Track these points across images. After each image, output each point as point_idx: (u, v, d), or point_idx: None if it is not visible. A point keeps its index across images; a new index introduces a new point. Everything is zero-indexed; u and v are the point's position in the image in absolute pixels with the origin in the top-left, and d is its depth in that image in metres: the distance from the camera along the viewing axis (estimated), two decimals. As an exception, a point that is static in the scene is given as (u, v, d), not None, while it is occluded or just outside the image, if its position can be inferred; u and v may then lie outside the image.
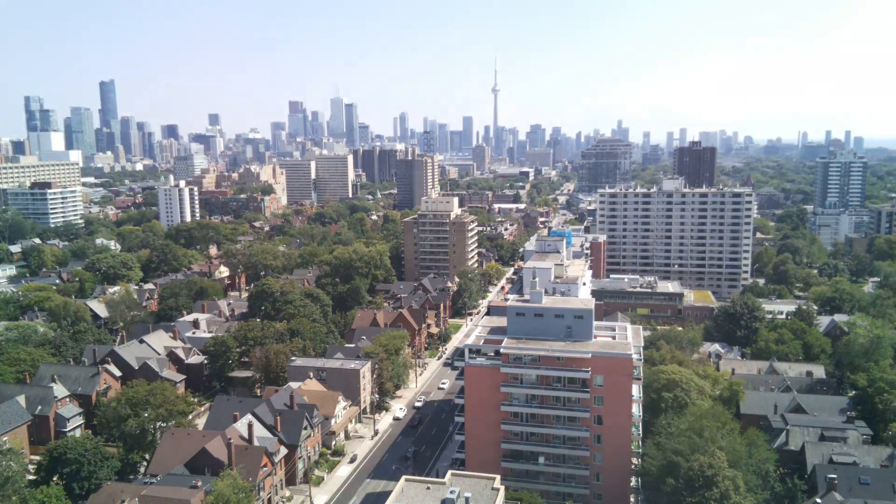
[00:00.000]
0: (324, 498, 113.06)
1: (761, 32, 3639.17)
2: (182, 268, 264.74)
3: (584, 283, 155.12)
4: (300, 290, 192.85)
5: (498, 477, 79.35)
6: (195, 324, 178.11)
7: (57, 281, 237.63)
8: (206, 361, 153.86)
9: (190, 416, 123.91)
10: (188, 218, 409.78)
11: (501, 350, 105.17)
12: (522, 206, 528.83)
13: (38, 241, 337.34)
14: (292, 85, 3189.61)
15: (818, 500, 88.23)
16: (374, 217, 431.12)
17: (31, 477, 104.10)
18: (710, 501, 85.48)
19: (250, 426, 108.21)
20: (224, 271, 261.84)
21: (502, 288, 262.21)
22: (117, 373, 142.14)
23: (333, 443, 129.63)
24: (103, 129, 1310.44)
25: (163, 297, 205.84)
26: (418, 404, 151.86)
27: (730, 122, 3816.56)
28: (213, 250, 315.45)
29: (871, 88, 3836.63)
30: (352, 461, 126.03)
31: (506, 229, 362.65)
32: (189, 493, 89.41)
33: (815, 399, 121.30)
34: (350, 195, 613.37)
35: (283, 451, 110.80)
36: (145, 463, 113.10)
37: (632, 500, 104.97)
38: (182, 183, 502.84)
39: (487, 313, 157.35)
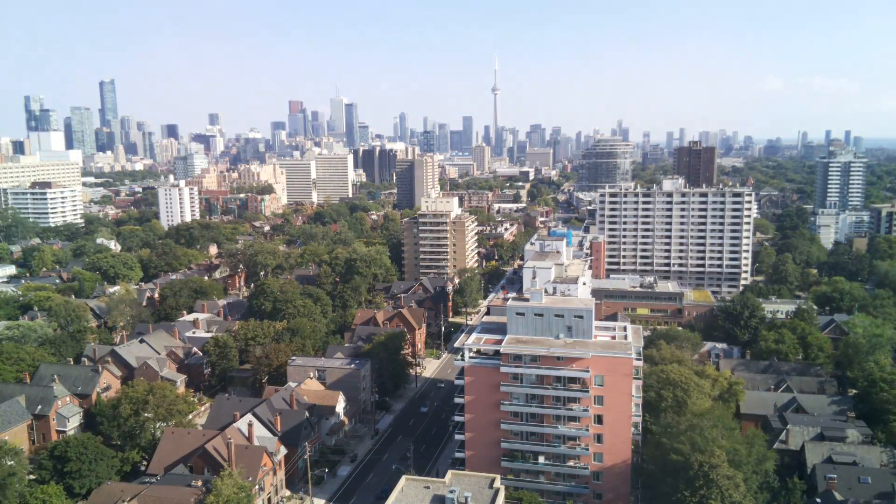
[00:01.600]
0: (324, 498, 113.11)
1: (761, 31, 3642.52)
2: (182, 267, 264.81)
3: (584, 283, 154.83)
4: (300, 290, 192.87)
5: (498, 476, 79.46)
6: (195, 323, 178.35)
7: (57, 281, 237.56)
8: (205, 361, 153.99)
9: (190, 416, 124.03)
10: (188, 217, 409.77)
11: (501, 350, 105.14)
12: (522, 205, 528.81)
13: (38, 240, 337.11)
14: (292, 85, 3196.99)
15: (818, 500, 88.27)
16: (374, 217, 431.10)
17: (32, 476, 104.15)
18: (710, 501, 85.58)
19: (250, 426, 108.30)
20: (224, 271, 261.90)
21: (502, 287, 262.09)
22: (117, 372, 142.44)
23: (333, 442, 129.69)
24: (103, 128, 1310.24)
25: (163, 296, 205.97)
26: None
27: (730, 122, 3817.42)
28: (213, 250, 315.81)
29: (871, 88, 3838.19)
30: (352, 461, 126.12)
31: (506, 229, 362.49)
32: (189, 493, 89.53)
33: (814, 399, 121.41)
34: (350, 195, 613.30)
35: (283, 450, 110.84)
36: (145, 462, 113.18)
37: (631, 499, 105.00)
38: (182, 183, 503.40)
39: (487, 313, 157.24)
